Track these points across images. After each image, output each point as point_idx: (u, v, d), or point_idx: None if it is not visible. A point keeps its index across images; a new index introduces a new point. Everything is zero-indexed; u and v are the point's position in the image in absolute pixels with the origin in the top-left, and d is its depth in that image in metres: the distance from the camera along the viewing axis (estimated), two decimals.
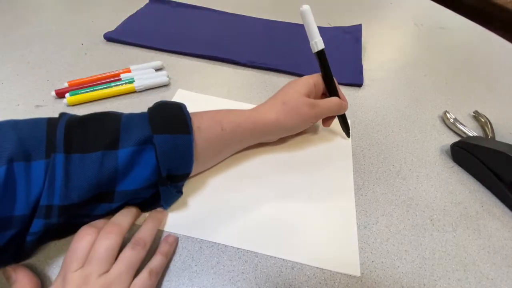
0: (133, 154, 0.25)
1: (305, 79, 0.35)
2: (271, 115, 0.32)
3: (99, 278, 0.22)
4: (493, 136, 0.41)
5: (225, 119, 0.31)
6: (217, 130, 0.30)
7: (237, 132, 0.31)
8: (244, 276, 0.27)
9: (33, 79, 0.43)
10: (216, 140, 0.30)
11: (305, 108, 0.33)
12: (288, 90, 0.34)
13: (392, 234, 0.31)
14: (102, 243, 0.23)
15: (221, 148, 0.32)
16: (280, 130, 0.34)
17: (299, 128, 0.36)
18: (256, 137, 0.34)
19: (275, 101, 0.34)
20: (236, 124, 0.31)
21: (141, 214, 0.29)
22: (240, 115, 0.32)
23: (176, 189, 0.29)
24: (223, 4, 0.64)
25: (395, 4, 0.75)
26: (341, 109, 0.36)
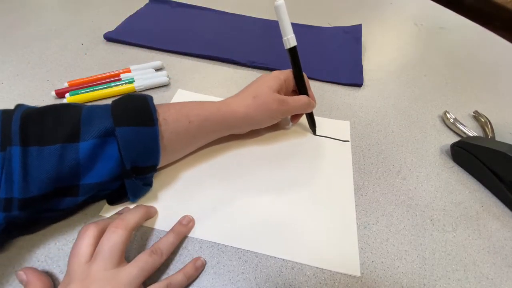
0: (95, 146, 0.25)
1: (276, 74, 0.35)
2: (241, 109, 0.33)
3: (105, 273, 0.22)
4: (493, 136, 0.41)
5: (192, 111, 0.30)
6: (184, 123, 0.30)
7: (205, 125, 0.31)
8: (244, 276, 0.27)
9: (33, 79, 0.43)
10: (183, 132, 0.30)
11: (275, 104, 0.33)
12: (260, 84, 0.34)
13: (392, 234, 0.31)
14: (108, 238, 0.23)
15: (189, 140, 0.32)
16: (248, 123, 0.35)
17: (266, 123, 0.36)
18: (225, 130, 0.34)
19: (245, 95, 0.34)
20: (204, 117, 0.31)
21: (151, 213, 0.29)
22: (208, 108, 0.32)
23: (143, 181, 0.29)
24: (223, 4, 0.64)
25: (395, 4, 0.75)
26: (309, 108, 0.37)
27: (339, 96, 0.46)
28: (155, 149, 0.27)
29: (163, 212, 0.30)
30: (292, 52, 0.34)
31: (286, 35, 0.34)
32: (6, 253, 0.26)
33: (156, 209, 0.30)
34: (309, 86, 0.37)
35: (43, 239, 0.27)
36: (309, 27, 0.61)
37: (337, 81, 0.49)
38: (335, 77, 0.49)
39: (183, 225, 0.29)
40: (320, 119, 0.42)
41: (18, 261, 0.26)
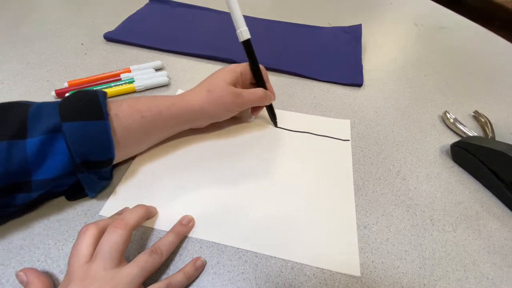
0: (43, 142, 0.25)
1: (232, 67, 0.35)
2: (196, 103, 0.33)
3: (105, 273, 0.22)
4: (493, 136, 0.41)
5: (145, 106, 0.31)
6: (136, 118, 0.30)
7: (159, 119, 0.31)
8: (244, 276, 0.27)
9: (33, 79, 0.43)
10: (136, 127, 0.30)
11: (229, 97, 0.33)
12: (215, 78, 0.34)
13: (392, 234, 0.31)
14: (108, 238, 0.23)
15: (143, 135, 0.32)
16: (204, 117, 0.35)
17: (223, 116, 0.36)
18: (181, 124, 0.34)
19: (200, 89, 0.34)
20: (157, 111, 0.31)
21: (151, 213, 0.29)
22: (162, 102, 0.32)
23: (98, 175, 0.29)
24: (223, 4, 0.64)
25: (395, 4, 0.75)
26: (266, 101, 0.37)
27: (339, 96, 0.46)
28: (107, 143, 0.27)
29: (163, 212, 0.30)
30: (246, 45, 0.35)
31: (239, 27, 0.34)
32: (6, 253, 0.26)
33: (156, 209, 0.30)
34: (267, 79, 0.38)
35: (43, 239, 0.27)
36: (309, 27, 0.61)
37: (337, 81, 0.49)
38: (335, 77, 0.49)
39: (183, 225, 0.29)
40: (320, 118, 0.42)
41: (18, 261, 0.26)
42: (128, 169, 0.33)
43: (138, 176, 0.33)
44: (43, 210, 0.29)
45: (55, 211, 0.29)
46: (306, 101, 0.45)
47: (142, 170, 0.33)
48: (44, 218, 0.29)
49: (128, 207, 0.29)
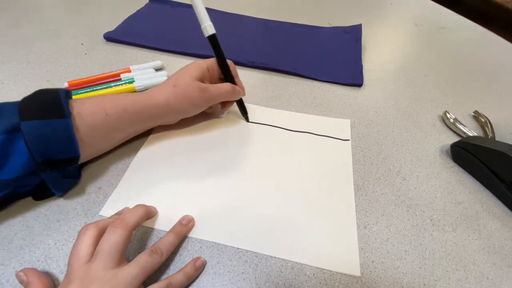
0: (3, 142, 0.25)
1: (199, 63, 0.35)
2: (161, 98, 0.33)
3: (105, 272, 0.22)
4: (493, 136, 0.41)
5: (109, 104, 0.30)
6: (100, 115, 0.29)
7: (124, 116, 0.31)
8: (244, 276, 0.27)
9: (33, 79, 0.43)
10: (101, 125, 0.30)
11: (195, 92, 0.33)
12: (181, 73, 0.34)
13: (392, 234, 0.31)
14: (108, 238, 0.23)
15: (109, 132, 0.31)
16: (170, 113, 0.34)
17: (191, 111, 0.36)
18: (148, 120, 0.34)
19: (166, 84, 0.34)
20: (122, 108, 0.31)
21: (151, 213, 0.29)
22: (127, 99, 0.32)
23: (62, 174, 0.29)
24: (223, 4, 0.64)
25: (395, 4, 0.75)
26: (234, 95, 0.37)
27: (339, 96, 0.46)
28: (69, 142, 0.27)
29: (163, 212, 0.30)
30: (211, 40, 0.35)
31: (203, 23, 0.34)
32: (6, 253, 0.26)
33: (156, 209, 0.30)
34: (236, 74, 0.38)
35: (43, 239, 0.27)
36: (309, 27, 0.61)
37: (337, 81, 0.49)
38: (335, 77, 0.49)
39: (183, 225, 0.29)
40: (320, 118, 0.42)
41: (18, 261, 0.26)
42: (128, 169, 0.33)
43: (138, 176, 0.33)
44: (43, 210, 0.29)
45: (55, 211, 0.29)
46: (306, 101, 0.45)
47: (142, 170, 0.33)
48: (44, 218, 0.29)
49: (128, 207, 0.29)
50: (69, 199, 0.30)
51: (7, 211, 0.29)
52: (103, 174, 0.33)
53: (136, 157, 0.35)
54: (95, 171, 0.33)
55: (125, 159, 0.34)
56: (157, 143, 0.36)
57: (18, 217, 0.29)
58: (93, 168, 0.33)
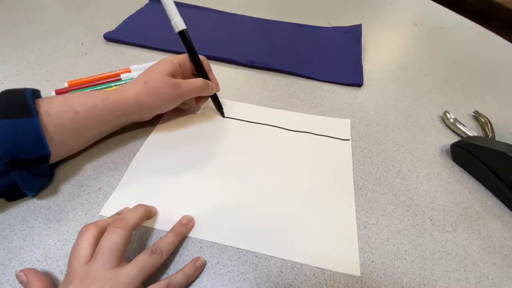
0: None
1: (170, 58, 0.35)
2: (131, 95, 0.32)
3: (105, 272, 0.22)
4: (493, 136, 0.41)
5: (77, 102, 0.30)
6: (69, 113, 0.29)
7: (94, 114, 0.31)
8: (244, 276, 0.27)
9: (33, 79, 0.43)
10: (70, 123, 0.29)
11: (167, 88, 0.33)
12: (152, 69, 0.34)
13: (392, 234, 0.31)
14: (108, 238, 0.23)
15: (79, 131, 0.31)
16: (142, 109, 0.34)
17: (164, 108, 0.35)
18: (120, 117, 0.33)
19: (137, 80, 0.34)
20: (91, 106, 0.30)
21: (152, 213, 0.29)
22: (97, 96, 0.31)
23: (33, 173, 0.28)
24: (223, 4, 0.64)
25: (395, 4, 0.75)
26: (207, 90, 0.37)
27: (339, 96, 0.46)
28: (38, 140, 0.27)
29: (163, 212, 0.30)
30: (182, 36, 0.35)
31: (173, 18, 0.34)
32: (6, 253, 0.26)
33: (156, 209, 0.30)
34: (209, 70, 0.38)
35: (43, 239, 0.27)
36: (309, 27, 0.61)
37: (337, 81, 0.49)
38: (335, 77, 0.49)
39: (183, 225, 0.29)
40: (320, 118, 0.42)
41: (18, 261, 0.26)
42: (128, 169, 0.33)
43: (138, 176, 0.33)
44: (43, 210, 0.29)
45: (55, 211, 0.29)
46: (306, 101, 0.45)
47: (142, 170, 0.33)
48: (44, 218, 0.29)
49: (128, 207, 0.29)
50: (69, 199, 0.30)
51: (7, 211, 0.29)
52: (103, 174, 0.33)
53: (136, 157, 0.35)
54: (94, 171, 0.33)
55: (125, 159, 0.34)
56: (157, 143, 0.36)
57: (18, 217, 0.29)
58: (92, 168, 0.33)
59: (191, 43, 0.35)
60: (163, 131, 0.38)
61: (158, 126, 0.38)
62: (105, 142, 0.36)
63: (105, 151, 0.35)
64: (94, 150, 0.35)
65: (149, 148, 0.36)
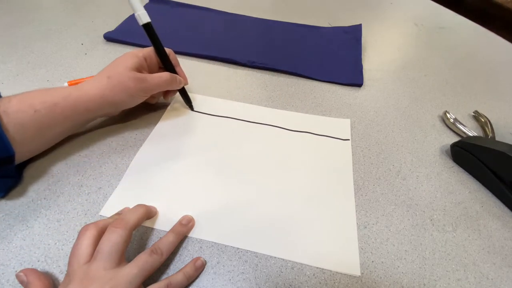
0: None
1: (134, 52, 0.35)
2: (95, 91, 0.32)
3: (105, 272, 0.22)
4: (493, 136, 0.41)
5: (37, 100, 0.29)
6: (28, 112, 0.28)
7: (55, 112, 0.30)
8: (244, 276, 0.27)
9: (33, 79, 0.43)
10: (30, 122, 0.28)
11: (132, 83, 0.32)
12: (115, 64, 0.33)
13: (392, 234, 0.31)
14: (108, 238, 0.23)
15: (41, 129, 0.30)
16: (107, 105, 0.33)
17: (130, 103, 0.35)
18: (83, 114, 0.32)
19: (100, 76, 0.33)
20: (52, 104, 0.29)
21: (152, 213, 0.29)
22: (58, 93, 0.30)
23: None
24: (223, 4, 0.64)
25: (395, 4, 0.75)
26: (173, 84, 0.36)
27: (339, 96, 0.46)
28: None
29: (163, 212, 0.30)
30: (146, 29, 0.34)
31: (136, 11, 0.33)
32: (6, 253, 0.26)
33: (156, 208, 0.30)
34: (176, 63, 0.37)
35: (43, 239, 0.27)
36: (309, 27, 0.61)
37: (337, 81, 0.49)
38: (335, 77, 0.49)
39: (183, 225, 0.29)
40: (320, 118, 0.42)
41: (18, 261, 0.26)
42: (128, 169, 0.33)
43: (138, 176, 0.33)
44: (43, 210, 0.29)
45: (55, 211, 0.29)
46: (306, 101, 0.45)
47: (142, 170, 0.33)
48: (44, 218, 0.29)
49: (128, 207, 0.29)
50: (69, 199, 0.30)
51: (7, 211, 0.29)
52: (103, 174, 0.33)
53: (136, 157, 0.35)
54: (94, 171, 0.33)
55: (125, 159, 0.34)
56: (157, 143, 0.36)
57: (18, 217, 0.29)
58: (92, 168, 0.33)
59: (157, 36, 0.35)
60: (163, 131, 0.38)
61: (158, 126, 0.38)
62: (105, 142, 0.36)
63: (105, 151, 0.35)
64: (94, 150, 0.35)
65: (149, 148, 0.36)
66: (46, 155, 0.34)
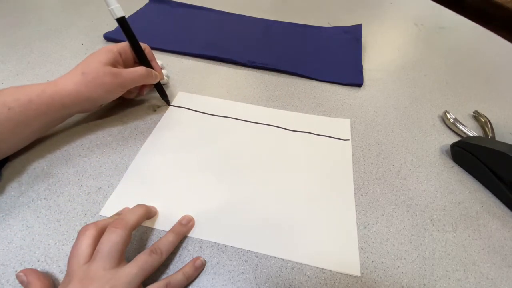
0: None
1: (109, 47, 0.35)
2: (69, 87, 0.31)
3: (105, 272, 0.22)
4: (493, 136, 0.41)
5: (10, 97, 0.29)
6: (2, 110, 0.28)
7: (30, 109, 0.30)
8: (244, 276, 0.27)
9: (33, 79, 0.43)
10: (5, 121, 0.28)
11: (107, 78, 0.32)
12: (89, 60, 0.33)
13: (392, 234, 0.31)
14: (108, 238, 0.23)
15: (18, 127, 0.30)
16: (83, 101, 0.33)
17: (107, 98, 0.35)
18: (58, 110, 0.32)
19: (74, 72, 0.33)
20: (26, 101, 0.29)
21: (151, 213, 0.29)
22: (31, 90, 0.30)
23: None
24: (223, 4, 0.64)
25: (395, 4, 0.75)
26: (149, 79, 0.36)
27: (339, 96, 0.46)
28: None
29: (163, 212, 0.30)
30: (120, 23, 0.34)
31: (110, 5, 0.33)
32: (6, 253, 0.26)
33: (156, 208, 0.30)
34: (152, 58, 0.38)
35: (43, 239, 0.27)
36: (309, 27, 0.61)
37: (337, 81, 0.49)
38: (335, 77, 0.49)
39: (183, 224, 0.29)
40: (320, 118, 0.42)
41: (18, 261, 0.26)
42: (128, 169, 0.33)
43: (138, 176, 0.33)
44: (43, 210, 0.29)
45: (55, 211, 0.29)
46: (306, 101, 0.45)
47: (142, 170, 0.33)
48: (44, 218, 0.29)
49: (128, 207, 0.29)
50: (69, 199, 0.30)
51: (7, 211, 0.29)
52: (103, 174, 0.33)
53: (136, 157, 0.35)
54: (94, 171, 0.33)
55: (125, 159, 0.34)
56: (157, 143, 0.36)
57: (18, 217, 0.29)
58: (92, 168, 0.33)
59: (131, 30, 0.35)
60: (163, 132, 0.38)
61: (158, 127, 0.38)
62: (105, 142, 0.36)
63: (105, 151, 0.35)
64: (94, 150, 0.35)
65: (149, 148, 0.36)
66: (45, 155, 0.34)
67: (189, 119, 0.40)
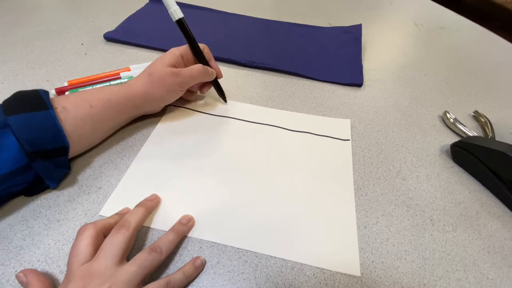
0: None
1: (172, 50, 0.37)
2: (139, 87, 0.34)
3: (105, 270, 0.22)
4: (493, 136, 0.41)
5: (93, 96, 0.32)
6: (85, 107, 0.31)
7: (108, 107, 0.33)
8: (244, 276, 0.27)
9: (33, 79, 0.43)
10: (86, 117, 0.31)
11: (169, 78, 0.34)
12: (155, 62, 0.36)
13: (392, 234, 0.31)
14: (112, 238, 0.24)
15: (96, 124, 0.32)
16: (150, 101, 0.36)
17: (168, 98, 0.37)
18: (132, 109, 0.36)
19: (143, 74, 0.36)
20: (106, 100, 0.32)
21: (151, 208, 0.29)
22: (108, 90, 0.33)
23: (53, 164, 0.29)
24: (223, 4, 0.64)
25: (395, 4, 0.75)
26: (207, 76, 0.38)
27: (339, 96, 0.46)
28: (55, 131, 0.28)
29: (163, 212, 0.30)
30: (179, 24, 0.36)
31: (170, 7, 0.35)
32: (6, 253, 0.26)
33: (154, 201, 0.30)
34: (210, 57, 0.39)
35: (43, 239, 0.27)
36: (309, 27, 0.61)
37: (337, 81, 0.49)
38: (335, 77, 0.49)
39: (183, 224, 0.29)
40: (320, 118, 0.42)
41: (18, 261, 0.26)
42: (128, 169, 0.33)
43: (138, 176, 0.33)
44: (43, 210, 0.29)
45: (55, 211, 0.29)
46: (306, 101, 0.45)
47: (142, 170, 0.33)
48: (44, 218, 0.29)
49: (128, 207, 0.29)
50: (69, 199, 0.30)
51: (7, 211, 0.29)
52: (103, 174, 0.33)
53: (136, 157, 0.35)
54: (94, 171, 0.33)
55: (125, 159, 0.34)
56: (157, 143, 0.36)
57: (18, 217, 0.29)
58: (92, 168, 0.33)
59: (190, 31, 0.36)
60: (163, 132, 0.38)
61: (158, 127, 0.38)
62: (105, 142, 0.36)
63: (105, 151, 0.35)
64: (94, 150, 0.35)
65: (149, 148, 0.36)
66: None
67: (190, 119, 0.40)
